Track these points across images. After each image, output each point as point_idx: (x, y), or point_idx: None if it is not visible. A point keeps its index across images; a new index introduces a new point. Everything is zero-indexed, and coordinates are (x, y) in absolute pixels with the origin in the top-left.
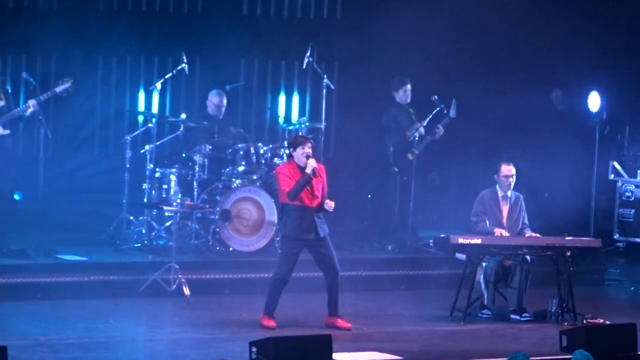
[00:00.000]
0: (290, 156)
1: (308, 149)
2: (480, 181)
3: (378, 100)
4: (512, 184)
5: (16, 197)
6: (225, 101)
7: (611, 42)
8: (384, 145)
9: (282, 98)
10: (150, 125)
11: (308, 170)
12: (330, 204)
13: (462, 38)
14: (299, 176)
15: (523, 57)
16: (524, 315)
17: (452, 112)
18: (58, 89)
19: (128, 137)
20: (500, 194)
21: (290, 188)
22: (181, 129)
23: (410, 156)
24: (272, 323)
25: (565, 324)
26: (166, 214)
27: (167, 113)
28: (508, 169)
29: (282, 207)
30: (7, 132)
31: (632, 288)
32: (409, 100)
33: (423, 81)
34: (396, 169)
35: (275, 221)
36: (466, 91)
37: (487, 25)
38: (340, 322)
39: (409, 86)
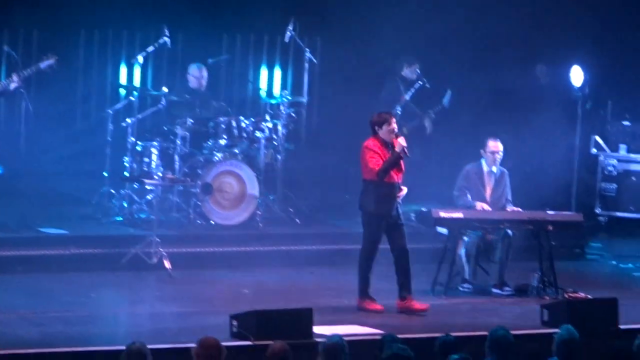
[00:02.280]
0: (374, 133)
1: (394, 125)
2: (463, 156)
3: (361, 75)
4: (499, 159)
5: None
6: (205, 73)
7: (594, 16)
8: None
9: (264, 72)
10: (132, 98)
11: (398, 149)
12: (402, 192)
13: (446, 15)
14: (386, 153)
15: (506, 32)
16: (505, 289)
17: (446, 102)
18: (42, 65)
19: (110, 111)
20: (485, 168)
21: (379, 167)
22: (163, 103)
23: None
24: (378, 305)
25: (547, 298)
26: (147, 187)
27: (149, 86)
28: (495, 145)
29: (366, 183)
30: None
31: (614, 262)
32: (414, 78)
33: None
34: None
35: (257, 195)
36: (450, 67)
37: (471, 2)
38: (416, 304)
39: (418, 66)
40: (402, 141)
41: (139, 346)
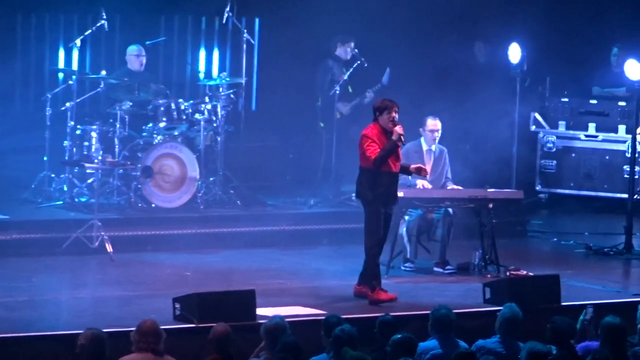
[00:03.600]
0: (375, 119)
1: (395, 114)
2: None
3: (299, 55)
4: (437, 138)
5: None
6: (144, 51)
7: None
8: (311, 99)
9: (202, 54)
10: (70, 82)
11: (394, 137)
12: (427, 170)
13: None
14: (384, 141)
15: (445, 10)
16: (447, 268)
17: (385, 80)
18: None
19: (48, 95)
20: (425, 147)
21: (376, 155)
22: (101, 86)
23: (338, 115)
24: (391, 295)
25: (489, 276)
26: (88, 171)
27: (88, 70)
28: (434, 124)
29: (362, 170)
30: None
31: (555, 239)
32: (348, 58)
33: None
34: (322, 124)
35: (197, 177)
36: (389, 45)
37: None
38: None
39: (352, 44)
40: (398, 129)
41: (96, 332)
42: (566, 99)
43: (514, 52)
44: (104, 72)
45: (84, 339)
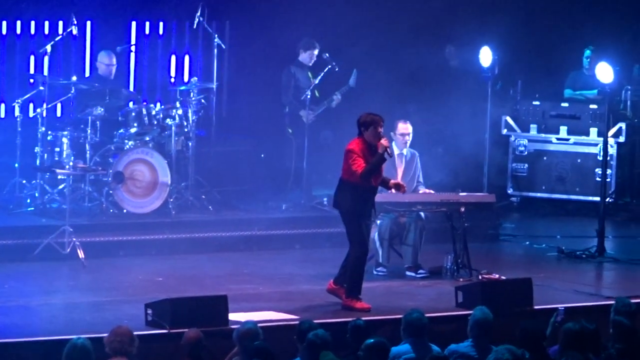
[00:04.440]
0: (360, 134)
1: (381, 128)
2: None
3: (270, 59)
4: (409, 142)
5: None
6: (115, 60)
7: None
8: (279, 105)
9: (173, 58)
10: (41, 88)
11: (381, 150)
12: (405, 188)
13: (354, 0)
14: (369, 155)
15: (415, 14)
16: (419, 272)
17: (352, 81)
18: None
19: (19, 101)
20: (396, 151)
21: (363, 169)
22: (72, 92)
23: (304, 118)
24: (365, 305)
25: (461, 280)
26: (59, 177)
27: (58, 76)
28: (404, 127)
29: (344, 182)
30: None
31: (527, 243)
32: (310, 64)
33: (316, 42)
34: (290, 130)
35: (169, 182)
36: (360, 49)
37: None
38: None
39: (316, 51)
40: (384, 142)
41: (82, 342)
42: (537, 102)
43: (485, 56)
44: (74, 78)
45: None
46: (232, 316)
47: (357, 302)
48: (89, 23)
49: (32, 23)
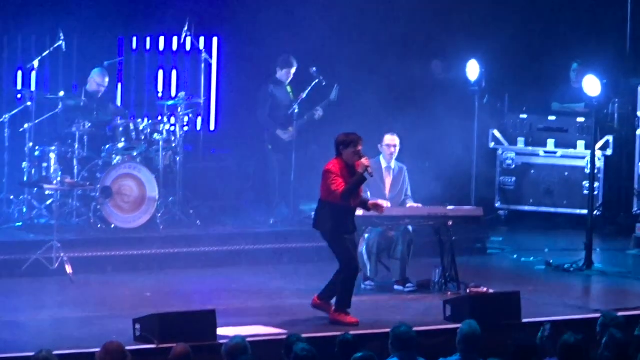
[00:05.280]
0: (338, 154)
1: (360, 147)
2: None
3: (257, 74)
4: (395, 154)
5: None
6: (107, 81)
7: (487, 9)
8: (258, 122)
9: (160, 73)
10: (28, 103)
11: (361, 170)
12: (383, 208)
13: (342, 10)
14: (347, 175)
15: (402, 29)
16: (407, 285)
17: (333, 96)
18: None
19: (6, 116)
20: (384, 164)
21: (343, 189)
22: (60, 107)
23: (283, 135)
24: (353, 319)
25: (449, 293)
26: (47, 192)
27: (46, 91)
28: (391, 139)
29: (323, 203)
30: None
31: (515, 256)
32: (287, 82)
33: (303, 56)
34: (270, 146)
35: (157, 197)
36: (346, 63)
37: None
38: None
39: (294, 70)
40: (365, 161)
41: (45, 354)
42: (525, 115)
43: (472, 69)
44: (62, 93)
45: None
46: (221, 331)
47: (345, 317)
48: (76, 38)
49: (19, 38)
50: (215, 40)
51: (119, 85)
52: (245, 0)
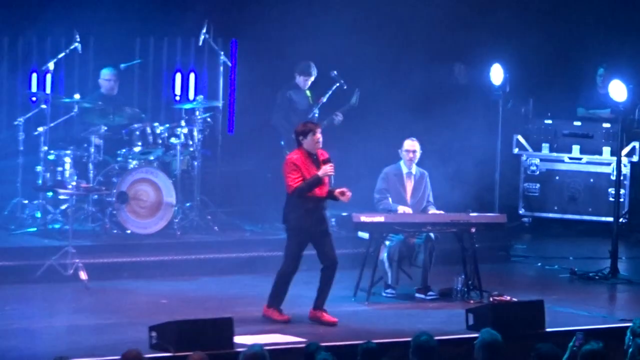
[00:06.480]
0: (299, 144)
1: (319, 135)
2: (382, 158)
3: (277, 77)
4: (415, 159)
5: None
6: (115, 76)
7: (513, 14)
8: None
9: (178, 76)
10: (43, 106)
11: (321, 174)
12: (348, 195)
13: (363, 13)
14: (309, 165)
15: (424, 32)
16: (429, 293)
17: (354, 100)
18: None
19: (21, 119)
20: (404, 170)
21: (297, 185)
22: (75, 110)
23: None
24: (285, 316)
25: (472, 302)
26: (61, 197)
27: (61, 94)
28: (411, 144)
29: (288, 197)
30: None
31: (539, 264)
32: (306, 88)
33: (324, 60)
34: (287, 151)
35: (174, 202)
36: (369, 67)
37: (387, 3)
38: (326, 317)
39: (312, 79)
40: (329, 170)
41: None
42: (549, 121)
43: (496, 74)
44: (77, 96)
45: None
46: (238, 339)
47: (277, 314)
48: (92, 39)
49: (34, 40)
50: (233, 42)
51: (136, 88)
52: (265, 2)
